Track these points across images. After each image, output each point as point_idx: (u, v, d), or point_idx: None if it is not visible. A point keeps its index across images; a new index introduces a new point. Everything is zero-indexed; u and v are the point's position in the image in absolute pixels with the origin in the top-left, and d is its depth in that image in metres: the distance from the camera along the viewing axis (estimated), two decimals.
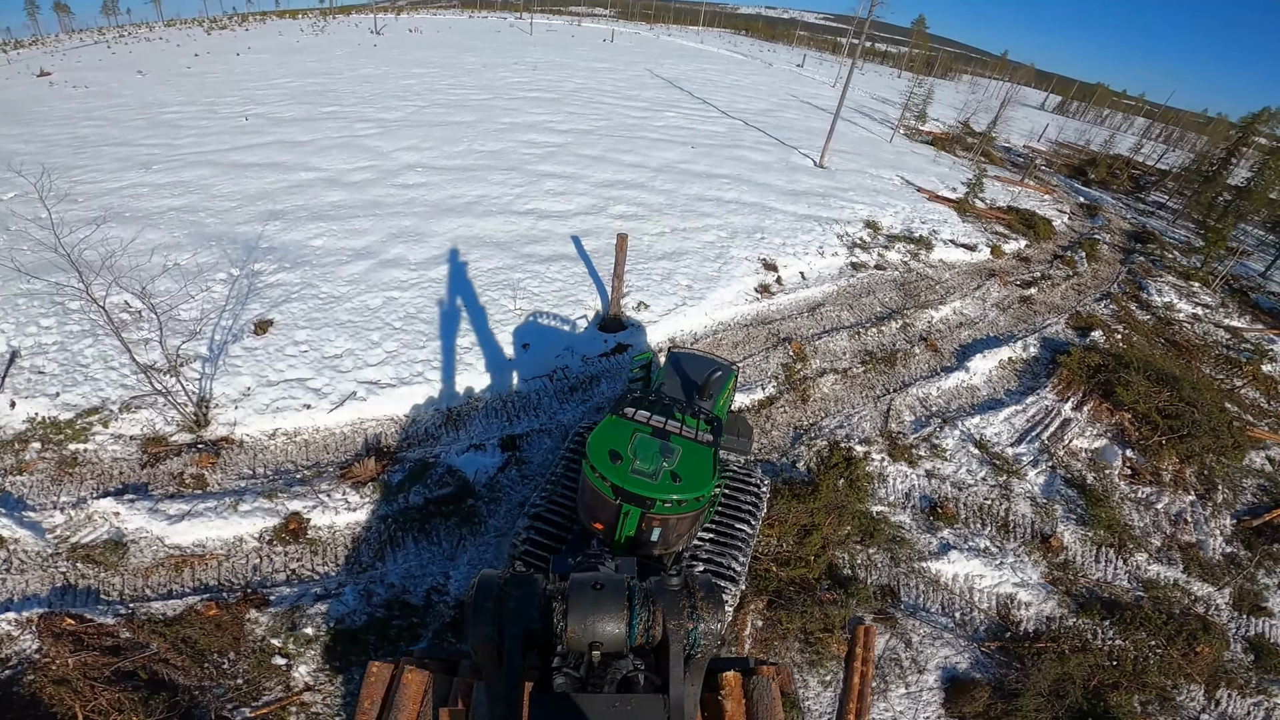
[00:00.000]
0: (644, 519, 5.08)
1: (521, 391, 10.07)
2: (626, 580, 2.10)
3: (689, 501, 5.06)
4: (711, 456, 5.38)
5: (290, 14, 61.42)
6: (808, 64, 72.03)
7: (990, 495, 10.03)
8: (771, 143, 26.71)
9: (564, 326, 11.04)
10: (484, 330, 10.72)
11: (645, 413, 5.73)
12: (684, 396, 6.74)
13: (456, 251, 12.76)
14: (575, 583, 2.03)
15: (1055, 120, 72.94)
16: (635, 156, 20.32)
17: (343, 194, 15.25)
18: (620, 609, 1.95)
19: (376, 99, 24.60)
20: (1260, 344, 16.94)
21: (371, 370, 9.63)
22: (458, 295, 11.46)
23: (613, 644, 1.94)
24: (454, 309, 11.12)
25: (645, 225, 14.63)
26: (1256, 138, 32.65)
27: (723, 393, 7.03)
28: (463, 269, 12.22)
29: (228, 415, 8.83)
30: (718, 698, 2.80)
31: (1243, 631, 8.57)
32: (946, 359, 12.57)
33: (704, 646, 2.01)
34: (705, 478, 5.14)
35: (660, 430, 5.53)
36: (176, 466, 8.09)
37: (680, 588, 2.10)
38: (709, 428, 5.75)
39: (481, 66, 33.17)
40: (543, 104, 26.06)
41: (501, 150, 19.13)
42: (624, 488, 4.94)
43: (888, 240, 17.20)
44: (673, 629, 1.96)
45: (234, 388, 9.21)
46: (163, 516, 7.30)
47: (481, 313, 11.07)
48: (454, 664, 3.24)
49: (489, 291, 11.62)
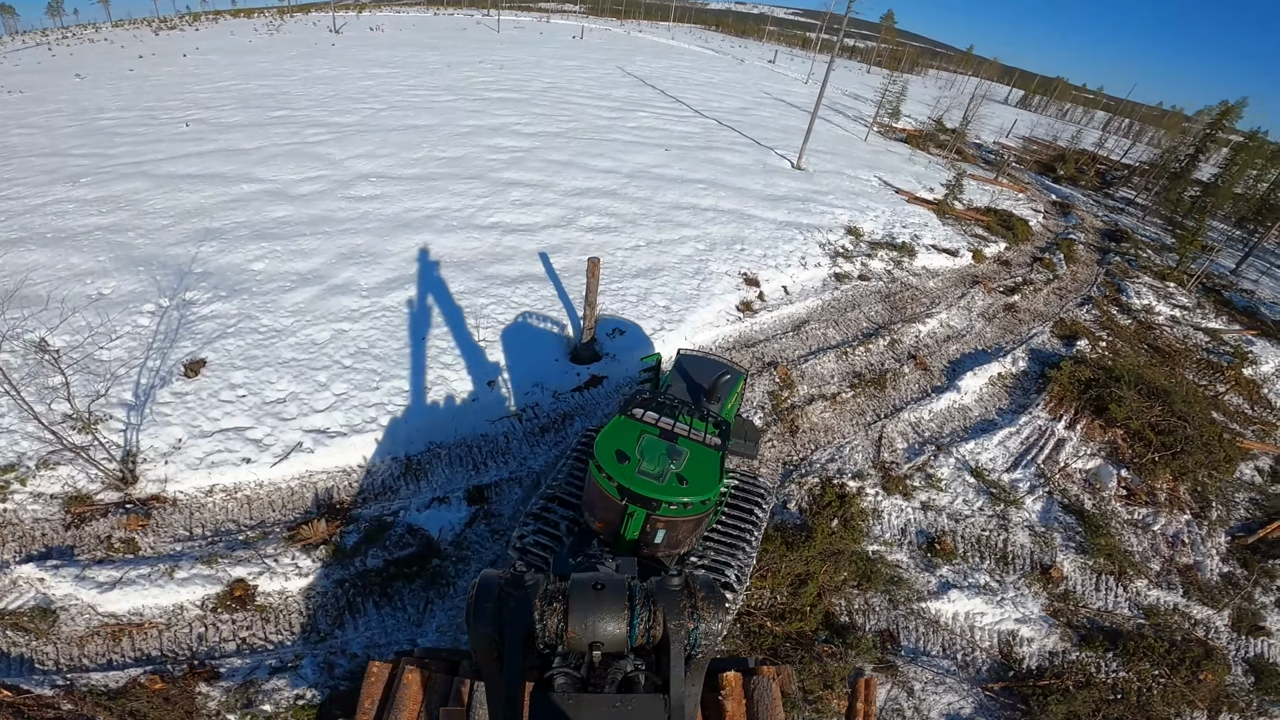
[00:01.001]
0: (649, 520, 5.04)
1: (488, 435, 9.18)
2: (627, 580, 2.06)
3: (695, 504, 5.02)
4: (719, 460, 5.32)
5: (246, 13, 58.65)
6: (779, 60, 71.83)
7: (988, 526, 9.63)
8: (747, 143, 26.07)
9: (532, 359, 10.16)
10: (444, 366, 9.77)
11: (653, 414, 5.69)
12: (692, 399, 6.68)
13: (414, 274, 11.74)
14: (576, 583, 1.99)
15: (1022, 116, 74.13)
16: (607, 161, 19.42)
17: (289, 208, 14.06)
18: (621, 609, 1.92)
19: (330, 102, 23.19)
20: (1239, 346, 16.86)
21: (319, 417, 8.63)
22: (415, 326, 10.46)
23: (613, 644, 1.91)
24: (411, 342, 10.14)
25: (618, 239, 13.77)
26: (1223, 134, 33.16)
27: (731, 396, 6.95)
28: (421, 295, 11.21)
29: (157, 471, 7.85)
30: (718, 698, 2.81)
31: (1242, 653, 8.38)
32: (937, 378, 12.03)
33: (705, 646, 1.97)
34: (712, 481, 5.11)
35: (668, 432, 5.49)
36: (103, 529, 7.20)
37: (681, 588, 2.06)
38: (717, 431, 5.68)
39: (445, 66, 31.74)
40: (509, 105, 24.93)
41: (464, 156, 18.03)
42: (630, 488, 4.90)
43: (870, 248, 16.66)
44: (673, 629, 1.92)
45: (163, 440, 8.18)
46: (91, 584, 6.53)
47: (441, 345, 10.12)
48: (454, 664, 3.19)
49: (449, 320, 10.66)
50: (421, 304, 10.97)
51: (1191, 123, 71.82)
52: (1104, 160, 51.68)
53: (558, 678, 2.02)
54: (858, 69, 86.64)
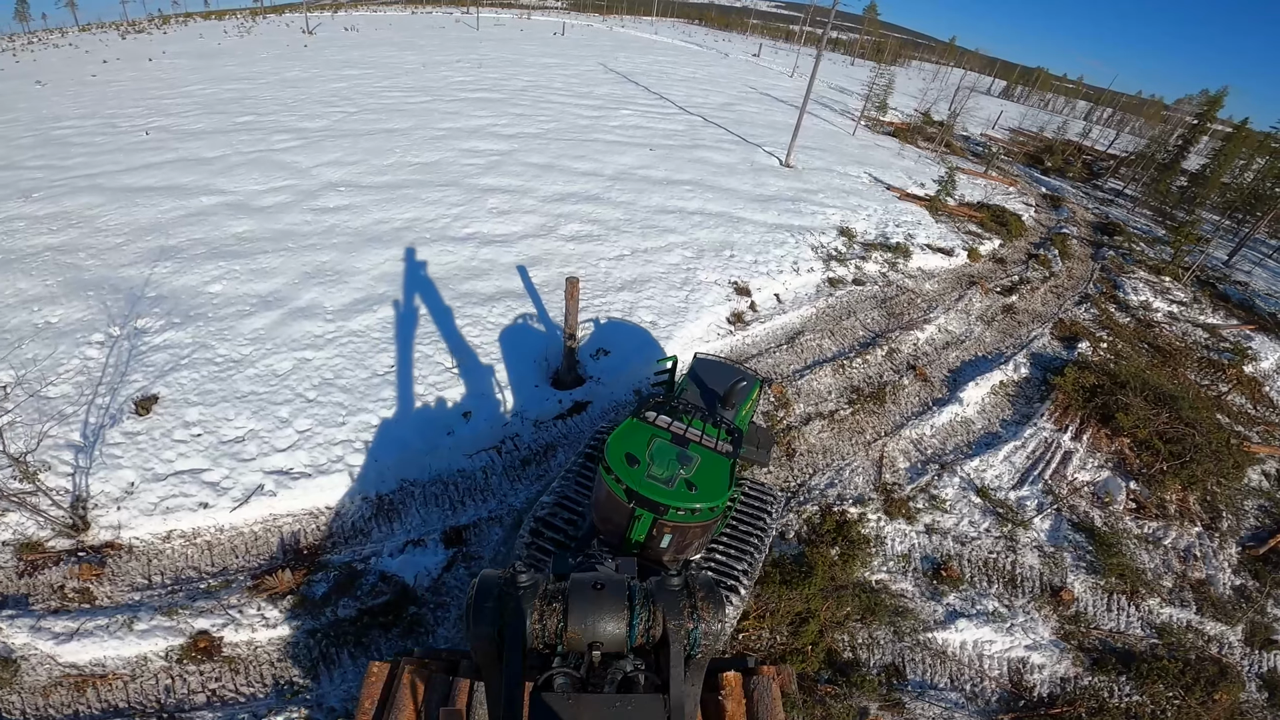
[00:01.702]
0: (655, 524, 5.01)
1: (465, 470, 8.54)
2: (627, 580, 2.04)
3: (702, 511, 4.98)
4: (729, 468, 5.28)
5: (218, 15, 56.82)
6: (763, 53, 71.21)
7: (995, 548, 9.23)
8: (734, 141, 25.45)
9: (511, 385, 9.49)
10: (416, 396, 9.09)
11: (666, 418, 5.66)
12: (706, 404, 6.62)
13: (383, 294, 11.00)
14: (576, 583, 1.98)
15: (1008, 107, 74.15)
16: (588, 163, 18.70)
17: (249, 223, 13.24)
18: (621, 609, 1.91)
19: (299, 106, 22.23)
20: (1238, 342, 16.54)
21: (280, 457, 7.98)
22: (383, 353, 9.75)
23: (613, 644, 1.91)
24: (379, 371, 9.43)
25: (601, 248, 13.09)
26: (1211, 124, 33.00)
27: (746, 403, 6.85)
28: (390, 317, 10.49)
29: (110, 517, 7.27)
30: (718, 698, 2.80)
31: (1256, 669, 8.16)
32: (938, 389, 11.51)
33: (704, 646, 1.95)
34: (721, 489, 5.06)
35: (680, 437, 5.45)
36: (57, 577, 6.77)
37: (681, 588, 2.02)
38: (729, 438, 5.62)
39: (421, 66, 30.71)
40: (487, 105, 24.09)
41: (438, 162, 17.22)
42: (638, 491, 4.88)
43: (864, 249, 16.11)
44: (673, 629, 1.91)
45: (114, 484, 7.56)
46: (48, 634, 6.22)
47: (412, 374, 9.42)
48: (454, 664, 3.19)
49: (421, 345, 9.95)
50: (391, 327, 10.25)
51: (1171, 111, 72.41)
52: (1090, 151, 51.63)
53: (557, 678, 1.98)
54: (842, 61, 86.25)
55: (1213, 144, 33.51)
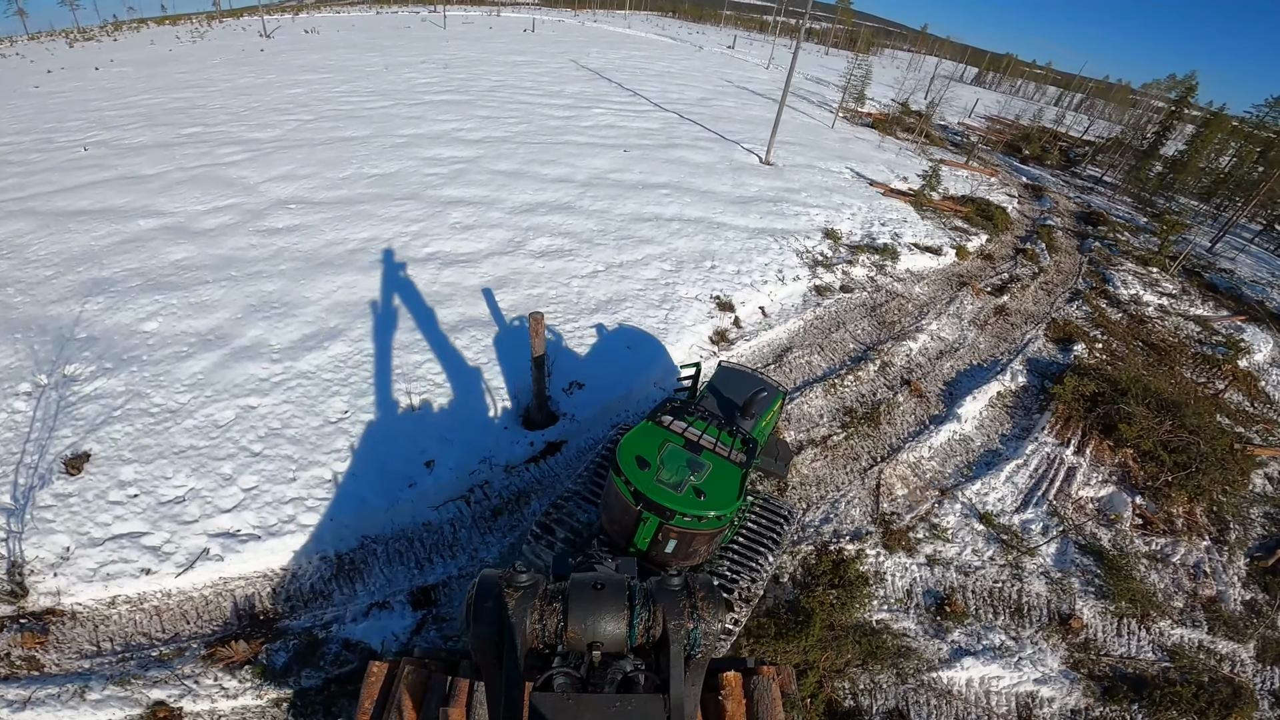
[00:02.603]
0: (662, 529, 5.00)
1: (431, 524, 7.74)
2: (627, 580, 2.00)
3: (710, 519, 4.95)
4: (740, 478, 5.22)
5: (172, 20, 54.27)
6: (738, 45, 70.40)
7: (1000, 577, 8.74)
8: (711, 138, 24.68)
9: (477, 427, 8.64)
10: (373, 444, 8.22)
11: (681, 423, 5.62)
12: (728, 412, 6.59)
13: (334, 327, 10.04)
14: (575, 583, 1.94)
15: (983, 94, 74.31)
16: (559, 168, 17.78)
17: (190, 249, 12.17)
18: (620, 609, 1.87)
19: (251, 114, 20.95)
20: (1231, 335, 16.22)
21: (225, 518, 7.16)
22: (335, 396, 8.82)
23: (613, 644, 1.87)
24: (331, 418, 8.51)
25: (574, 264, 12.23)
26: (1187, 109, 32.94)
27: (766, 414, 6.80)
28: (343, 355, 9.54)
29: (48, 583, 6.63)
30: (718, 698, 2.91)
31: (1268, 685, 7.88)
32: (934, 405, 10.89)
33: (704, 646, 1.92)
34: (730, 498, 5.03)
35: (693, 443, 5.41)
36: (1, 644, 6.26)
37: (680, 588, 1.98)
38: (744, 448, 5.57)
39: (384, 68, 29.32)
40: (452, 108, 22.98)
41: (398, 172, 16.16)
42: (645, 494, 4.87)
43: (850, 252, 15.46)
44: (673, 629, 1.87)
45: (49, 549, 6.83)
46: (1, 702, 5.83)
47: (368, 419, 8.53)
48: (454, 664, 3.18)
49: (377, 386, 9.04)
50: (343, 367, 9.31)
51: (1139, 95, 73.06)
52: (1065, 137, 51.72)
53: (557, 678, 1.90)
54: (816, 51, 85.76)
55: (1184, 128, 33.43)
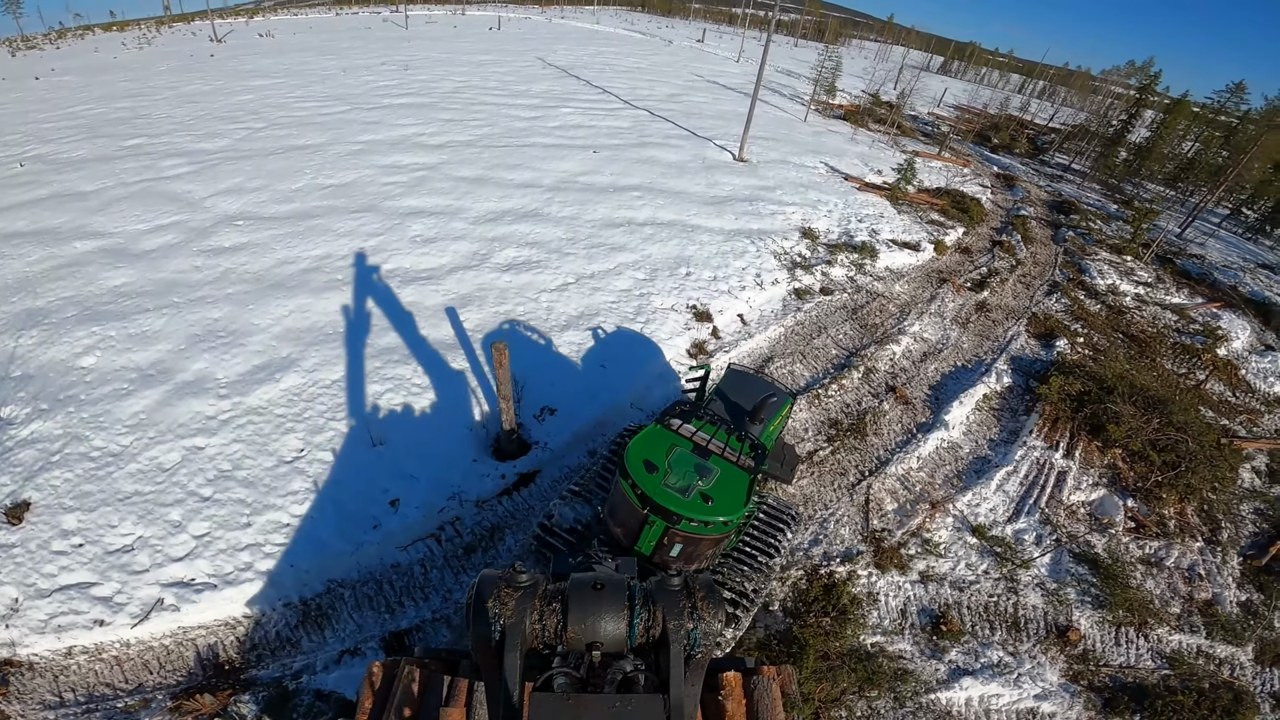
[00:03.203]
0: (667, 533, 4.98)
1: (400, 565, 7.21)
2: (626, 580, 1.99)
3: (715, 525, 4.93)
4: (748, 483, 5.20)
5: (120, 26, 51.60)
6: (707, 38, 69.90)
7: (995, 591, 8.46)
8: (683, 135, 24.14)
9: (444, 461, 8.02)
10: (333, 484, 7.58)
11: (690, 427, 5.61)
12: (736, 416, 6.58)
13: (286, 357, 9.30)
14: (575, 583, 1.93)
15: (950, 84, 74.95)
16: (526, 172, 17.08)
17: (129, 273, 11.27)
18: (620, 609, 1.87)
19: (198, 123, 19.82)
20: (1208, 323, 16.23)
21: (178, 567, 6.66)
22: (289, 433, 8.12)
23: (613, 644, 1.87)
24: (286, 458, 7.83)
25: (542, 277, 11.61)
26: (1151, 96, 33.32)
27: (775, 419, 6.80)
28: (295, 387, 8.81)
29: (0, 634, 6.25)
30: (718, 698, 2.83)
31: (1268, 688, 7.81)
32: (920, 412, 10.54)
33: (704, 646, 1.91)
34: (737, 504, 5.02)
35: (701, 448, 5.40)
36: None
37: (680, 588, 1.97)
38: (752, 454, 5.54)
39: (340, 71, 28.12)
40: (413, 112, 22.07)
41: (354, 182, 15.32)
42: (652, 498, 4.85)
43: (829, 252, 15.08)
44: (673, 629, 1.86)
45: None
46: None
47: (325, 457, 7.86)
48: (454, 664, 3.16)
49: (334, 420, 8.36)
50: (297, 401, 8.59)
51: (1099, 82, 74.41)
52: (1031, 125, 52.28)
53: (557, 678, 1.88)
54: (785, 43, 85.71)
55: (1146, 114, 33.85)
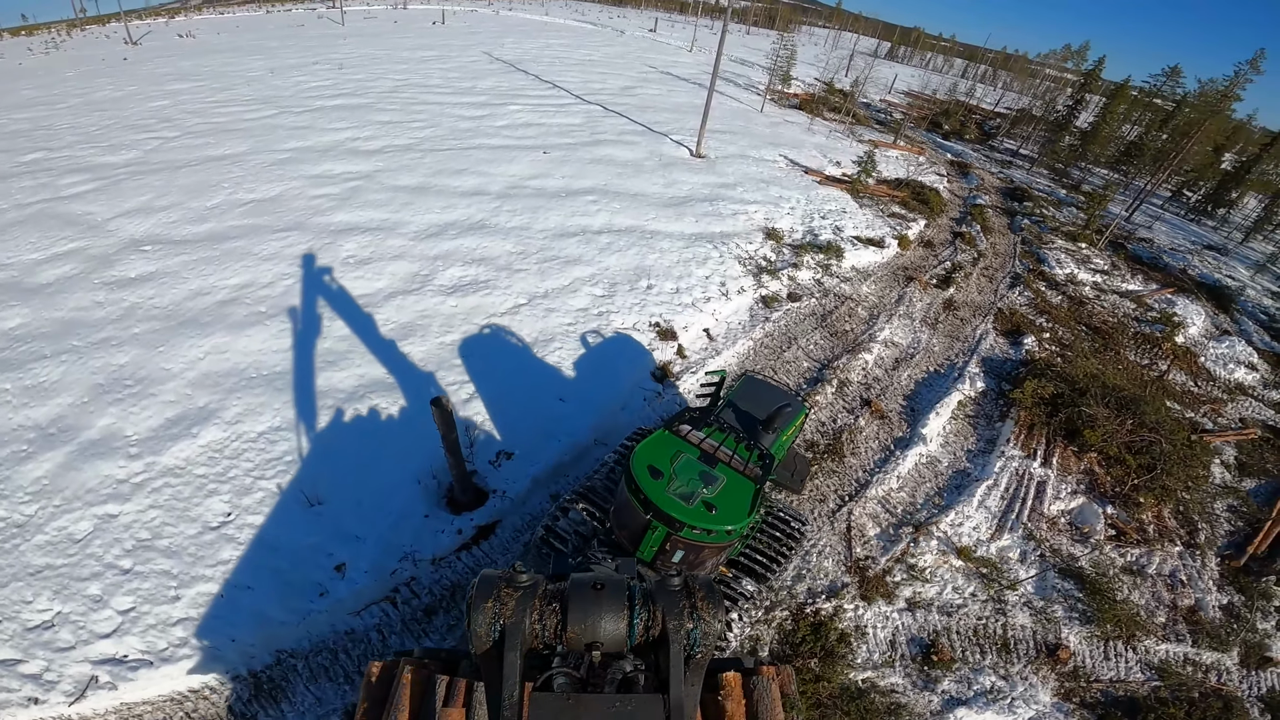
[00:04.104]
0: (669, 539, 4.92)
1: (354, 631, 6.41)
2: (626, 580, 1.98)
3: (719, 533, 4.84)
4: (753, 493, 5.15)
5: (28, 30, 47.07)
6: (660, 28, 68.87)
7: (984, 613, 8.10)
8: (638, 131, 23.31)
9: (392, 518, 7.11)
10: (268, 551, 6.63)
11: (699, 434, 5.58)
12: (748, 423, 6.55)
13: (205, 407, 8.14)
14: (575, 583, 1.93)
15: (900, 70, 75.92)
16: (471, 178, 15.99)
17: (22, 313, 9.84)
18: (620, 609, 1.87)
19: (105, 134, 17.93)
20: (1164, 309, 16.44)
21: (106, 643, 5.86)
22: (214, 496, 7.07)
23: (613, 644, 1.86)
24: (212, 523, 6.81)
25: (492, 299, 10.68)
26: (1096, 81, 34.06)
27: (788, 429, 6.75)
28: (217, 442, 7.69)
29: None
30: (718, 698, 2.82)
31: (1255, 692, 7.79)
32: (897, 426, 10.12)
33: (704, 646, 1.90)
34: (740, 513, 4.93)
35: (709, 455, 5.38)
36: None
37: (680, 588, 1.96)
38: (760, 463, 5.50)
39: (268, 72, 26.10)
40: (347, 114, 20.57)
41: (279, 196, 13.97)
42: (655, 504, 4.81)
43: (794, 253, 14.57)
44: (673, 629, 1.86)
45: None
46: None
47: (255, 520, 6.87)
48: (454, 664, 3.15)
49: (264, 478, 7.33)
50: (219, 458, 7.51)
51: (1037, 65, 76.67)
52: (978, 110, 53.28)
53: (557, 678, 1.90)
54: (738, 31, 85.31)
55: (1085, 98, 34.65)
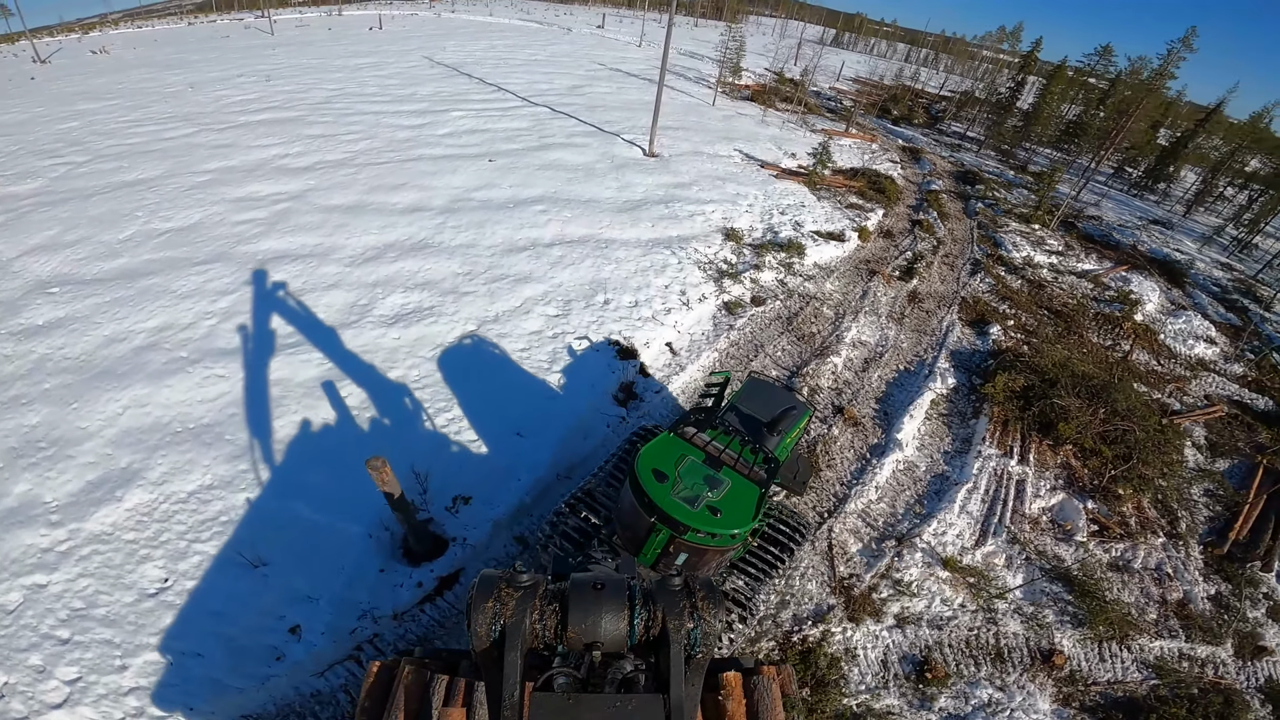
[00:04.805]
0: (673, 541, 4.91)
1: (320, 693, 5.76)
2: (626, 580, 1.90)
3: (723, 537, 4.84)
4: (758, 497, 5.10)
5: None
6: (608, 24, 67.97)
7: (975, 624, 7.73)
8: (588, 132, 22.58)
9: (346, 575, 6.35)
10: (213, 617, 5.88)
11: (704, 437, 5.53)
12: (752, 425, 6.54)
13: (128, 467, 7.10)
14: (575, 582, 1.87)
15: (846, 56, 76.78)
16: (411, 193, 15.04)
17: None
18: (621, 609, 1.79)
19: (9, 161, 16.17)
20: (1120, 287, 16.63)
21: (59, 714, 5.35)
22: (148, 562, 6.19)
23: (613, 644, 1.79)
24: (149, 590, 6.02)
25: (437, 328, 9.88)
26: (1034, 62, 34.76)
27: (793, 431, 6.77)
28: (145, 505, 6.70)
29: None
30: (718, 698, 2.82)
31: (1252, 683, 7.68)
32: (871, 432, 9.75)
33: (705, 646, 1.83)
34: (745, 517, 4.93)
35: (713, 459, 5.32)
36: None
37: (680, 588, 1.88)
38: (765, 466, 5.45)
39: (188, 87, 24.30)
40: (274, 129, 19.25)
41: (200, 224, 12.78)
42: (659, 507, 4.79)
43: (755, 254, 14.13)
44: (673, 629, 1.79)
45: None
46: None
47: (198, 586, 6.08)
48: (454, 664, 3.17)
49: (201, 540, 6.47)
50: (149, 520, 6.58)
51: (976, 48, 78.70)
52: (925, 94, 54.15)
53: (557, 678, 1.85)
54: (685, 23, 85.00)
55: (1026, 78, 35.42)
